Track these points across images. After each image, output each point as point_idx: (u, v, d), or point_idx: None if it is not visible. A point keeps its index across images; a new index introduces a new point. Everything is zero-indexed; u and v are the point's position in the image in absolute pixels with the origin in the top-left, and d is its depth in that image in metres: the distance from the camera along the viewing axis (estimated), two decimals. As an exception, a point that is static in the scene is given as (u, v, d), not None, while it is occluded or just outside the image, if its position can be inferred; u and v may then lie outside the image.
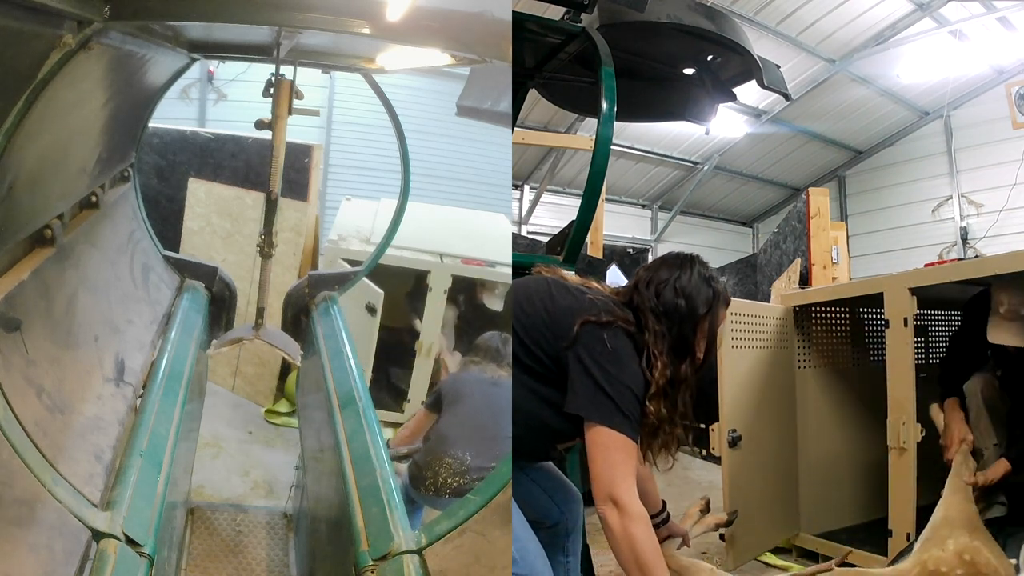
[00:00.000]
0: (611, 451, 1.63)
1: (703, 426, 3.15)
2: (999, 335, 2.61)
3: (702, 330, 1.80)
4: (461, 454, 3.10)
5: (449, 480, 3.08)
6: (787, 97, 2.95)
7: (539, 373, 1.76)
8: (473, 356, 3.48)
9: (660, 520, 2.13)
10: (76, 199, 2.39)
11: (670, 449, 1.80)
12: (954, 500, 2.38)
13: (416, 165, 3.44)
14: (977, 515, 2.34)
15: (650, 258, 10.80)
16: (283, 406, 4.87)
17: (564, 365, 1.72)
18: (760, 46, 4.25)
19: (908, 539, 2.74)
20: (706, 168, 10.55)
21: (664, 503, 2.17)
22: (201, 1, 2.00)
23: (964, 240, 9.79)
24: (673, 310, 1.77)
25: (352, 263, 4.38)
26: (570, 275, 1.93)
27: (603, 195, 5.45)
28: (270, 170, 3.06)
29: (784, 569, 3.20)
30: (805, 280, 4.45)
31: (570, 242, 2.33)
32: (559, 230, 2.49)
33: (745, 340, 3.13)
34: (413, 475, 3.16)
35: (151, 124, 3.21)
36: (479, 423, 3.16)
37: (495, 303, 5.09)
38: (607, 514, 1.62)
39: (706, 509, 2.34)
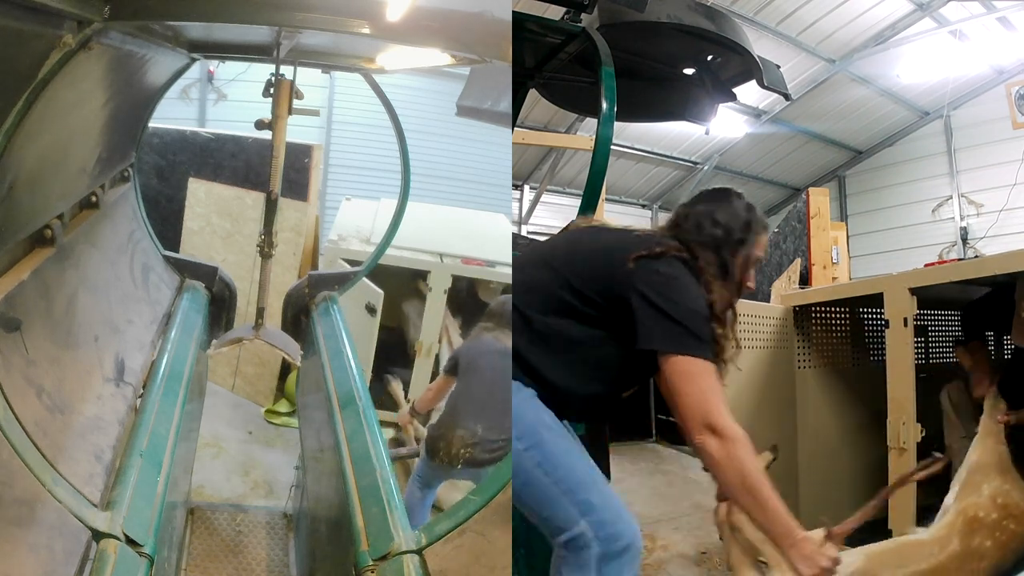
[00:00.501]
0: (696, 378, 1.60)
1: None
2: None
3: (743, 256, 1.82)
4: (472, 425, 3.19)
5: (461, 451, 3.19)
6: (787, 97, 2.95)
7: (596, 318, 1.73)
8: (487, 322, 3.51)
9: None
10: (76, 199, 2.39)
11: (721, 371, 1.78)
12: (987, 443, 2.46)
13: (416, 165, 3.44)
14: (1008, 456, 2.42)
15: (650, 258, 10.84)
16: (283, 406, 4.87)
17: (621, 305, 1.69)
18: (760, 46, 4.25)
19: (908, 539, 2.74)
20: (706, 168, 10.54)
21: None
22: (201, 1, 2.00)
23: (964, 240, 9.79)
24: (712, 240, 1.79)
25: (352, 263, 4.38)
26: (610, 220, 1.95)
27: (603, 195, 5.45)
28: (270, 170, 3.06)
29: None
30: (805, 280, 4.45)
31: (570, 242, 2.32)
32: (559, 230, 2.49)
33: (745, 340, 3.12)
34: (429, 447, 3.25)
35: (151, 124, 3.21)
36: (490, 395, 3.20)
37: (490, 296, 5.17)
38: (706, 443, 1.57)
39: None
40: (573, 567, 1.59)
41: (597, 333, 1.73)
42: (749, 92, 4.95)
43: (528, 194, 9.71)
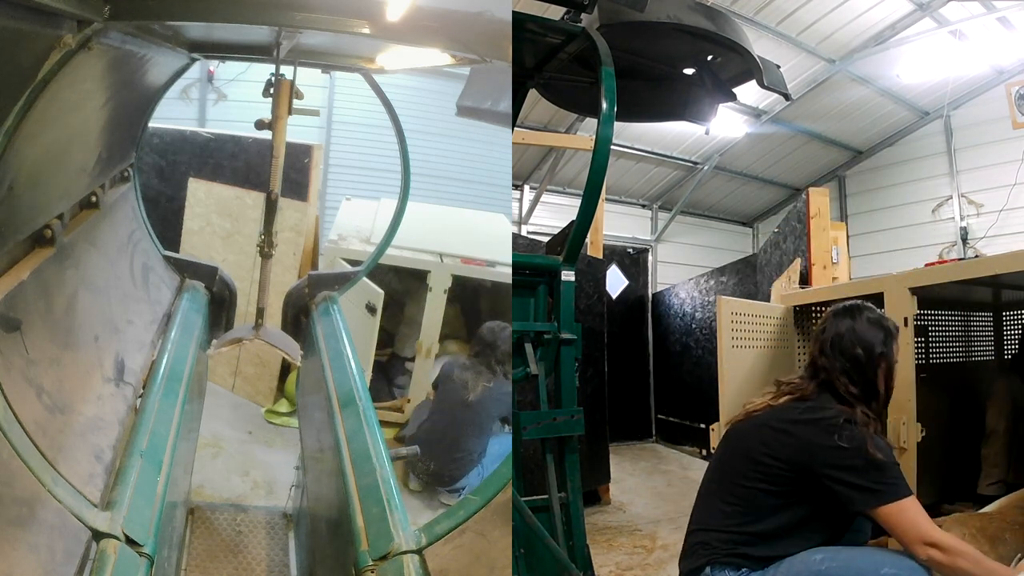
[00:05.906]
0: (906, 514, 1.91)
1: (703, 426, 3.15)
2: None
3: (882, 369, 2.09)
4: (426, 462, 4.30)
5: (421, 476, 4.38)
6: (787, 97, 2.94)
7: (787, 484, 2.00)
8: (475, 346, 4.42)
9: None
10: (76, 199, 2.39)
11: None
12: None
13: (416, 165, 3.44)
14: None
15: (650, 258, 10.81)
16: (283, 406, 4.87)
17: (811, 479, 1.96)
18: (760, 46, 4.24)
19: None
20: (706, 168, 10.52)
21: None
22: (201, 1, 2.00)
23: (964, 240, 9.77)
24: (855, 362, 2.06)
25: (352, 263, 4.38)
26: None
27: (603, 195, 5.44)
28: (270, 170, 3.06)
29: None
30: (805, 280, 4.44)
31: (570, 242, 2.33)
32: (559, 230, 2.49)
33: (745, 340, 3.13)
34: (412, 465, 4.39)
35: (151, 124, 3.21)
36: (442, 442, 4.29)
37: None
38: (932, 557, 1.87)
39: None
40: None
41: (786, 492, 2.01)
42: (749, 92, 4.95)
43: (528, 194, 9.69)
